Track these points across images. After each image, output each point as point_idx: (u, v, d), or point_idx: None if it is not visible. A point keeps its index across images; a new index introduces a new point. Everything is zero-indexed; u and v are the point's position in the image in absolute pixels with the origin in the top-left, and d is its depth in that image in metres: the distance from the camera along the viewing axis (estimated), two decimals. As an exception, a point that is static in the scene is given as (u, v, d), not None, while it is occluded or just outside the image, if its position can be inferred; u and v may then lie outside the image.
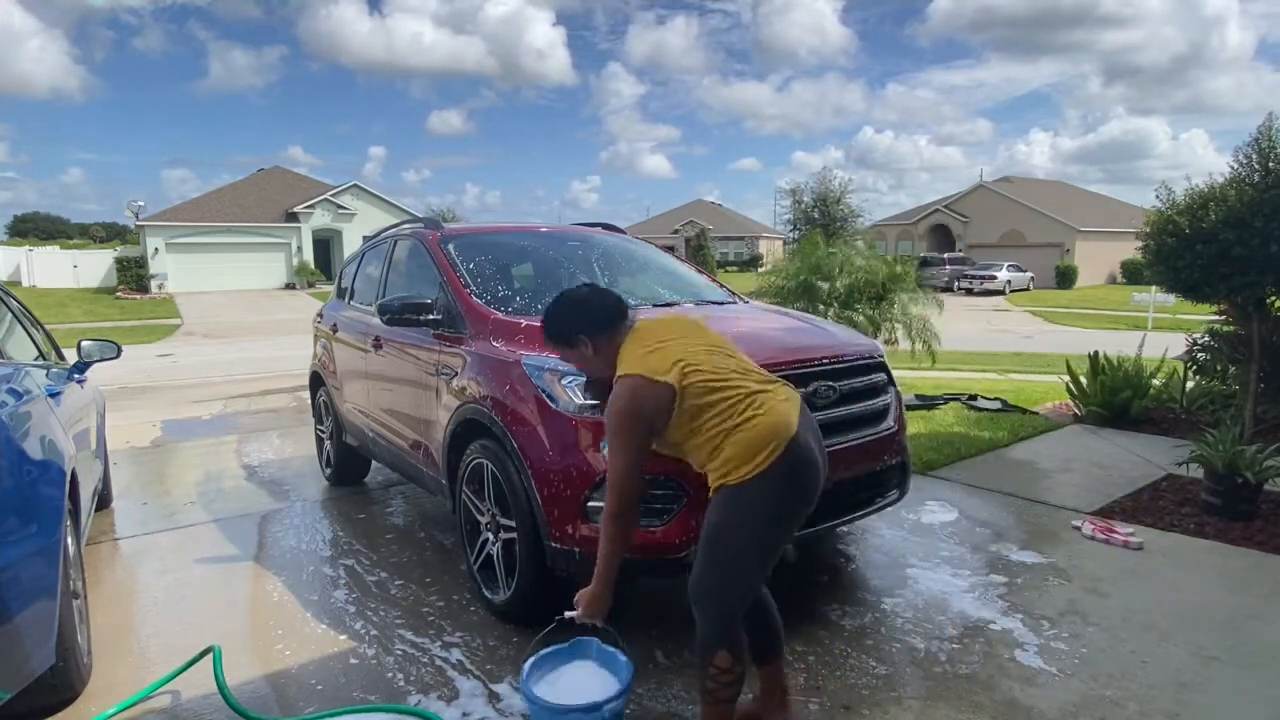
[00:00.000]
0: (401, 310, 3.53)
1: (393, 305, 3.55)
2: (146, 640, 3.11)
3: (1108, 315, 23.46)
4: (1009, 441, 5.90)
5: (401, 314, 3.53)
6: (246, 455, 6.17)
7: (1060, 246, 38.52)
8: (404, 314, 3.53)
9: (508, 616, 3.12)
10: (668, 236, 50.38)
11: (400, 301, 3.55)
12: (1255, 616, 3.11)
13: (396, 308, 3.53)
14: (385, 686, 2.69)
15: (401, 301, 3.55)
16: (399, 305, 3.53)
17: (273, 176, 39.12)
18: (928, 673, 2.73)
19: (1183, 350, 6.18)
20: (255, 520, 4.52)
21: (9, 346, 3.49)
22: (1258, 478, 4.05)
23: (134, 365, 11.87)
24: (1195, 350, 5.94)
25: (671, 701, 2.57)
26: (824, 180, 34.02)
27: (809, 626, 3.07)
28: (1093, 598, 3.29)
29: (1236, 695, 2.58)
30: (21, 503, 2.22)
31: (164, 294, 30.62)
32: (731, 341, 2.42)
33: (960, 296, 31.73)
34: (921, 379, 8.84)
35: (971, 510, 4.43)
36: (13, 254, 33.48)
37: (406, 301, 3.54)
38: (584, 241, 4.56)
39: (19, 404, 2.50)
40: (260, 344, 16.76)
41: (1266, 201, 4.58)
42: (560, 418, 2.83)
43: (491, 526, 3.15)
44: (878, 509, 3.32)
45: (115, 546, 4.19)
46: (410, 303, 3.52)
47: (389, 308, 3.56)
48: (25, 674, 2.16)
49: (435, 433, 3.57)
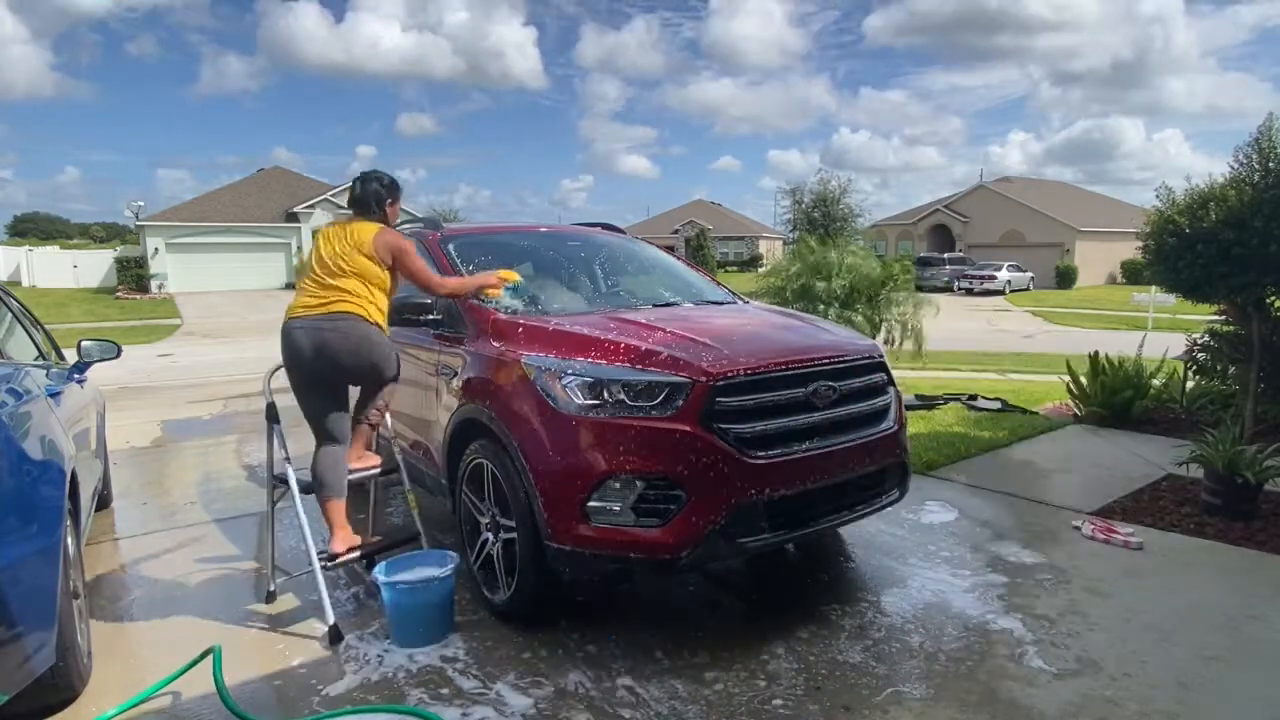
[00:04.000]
0: (401, 310, 3.52)
1: (393, 305, 3.55)
2: (146, 640, 3.11)
3: (1108, 315, 23.45)
4: (1009, 441, 5.90)
5: (401, 314, 3.53)
6: (246, 455, 6.17)
7: (1060, 246, 38.51)
8: (404, 314, 3.53)
9: (508, 616, 3.12)
10: (667, 236, 50.40)
11: (400, 301, 3.55)
12: (1255, 616, 3.11)
13: (396, 308, 3.53)
14: (385, 686, 2.69)
15: (401, 301, 3.55)
16: (399, 305, 3.53)
17: (273, 176, 39.09)
18: (928, 673, 2.73)
19: (1183, 350, 6.17)
20: (255, 520, 4.51)
21: (9, 346, 3.50)
22: (1258, 478, 4.05)
23: (134, 365, 11.87)
24: (1195, 350, 5.93)
25: (673, 701, 2.57)
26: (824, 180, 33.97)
27: (809, 626, 3.07)
28: (1093, 598, 3.29)
29: (1236, 695, 2.58)
30: (21, 503, 2.22)
31: (164, 294, 30.59)
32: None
33: (960, 296, 31.74)
34: (921, 379, 8.83)
35: (971, 510, 4.43)
36: (13, 254, 33.46)
37: (406, 301, 3.54)
38: (585, 242, 4.56)
39: (19, 404, 2.50)
40: (260, 344, 16.72)
41: (1266, 201, 4.57)
42: (560, 417, 2.83)
43: (491, 526, 3.16)
44: (878, 509, 3.32)
45: (115, 546, 4.19)
46: (410, 303, 3.52)
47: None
48: (25, 674, 2.16)
49: (435, 433, 3.57)
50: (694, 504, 2.71)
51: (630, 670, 2.76)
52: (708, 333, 3.12)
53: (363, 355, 3.23)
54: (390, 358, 3.36)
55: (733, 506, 2.74)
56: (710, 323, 3.42)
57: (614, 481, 2.74)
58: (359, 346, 3.22)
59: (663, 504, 2.73)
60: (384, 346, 3.32)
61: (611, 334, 3.08)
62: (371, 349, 3.25)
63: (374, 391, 3.44)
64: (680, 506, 2.72)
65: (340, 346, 3.19)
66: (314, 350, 3.17)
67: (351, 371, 3.30)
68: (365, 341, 3.23)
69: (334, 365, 3.21)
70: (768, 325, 3.60)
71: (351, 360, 3.22)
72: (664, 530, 2.72)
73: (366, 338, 3.23)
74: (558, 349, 3.02)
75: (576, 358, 2.93)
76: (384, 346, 3.32)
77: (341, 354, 3.19)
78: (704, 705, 2.54)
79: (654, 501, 2.73)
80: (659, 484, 2.72)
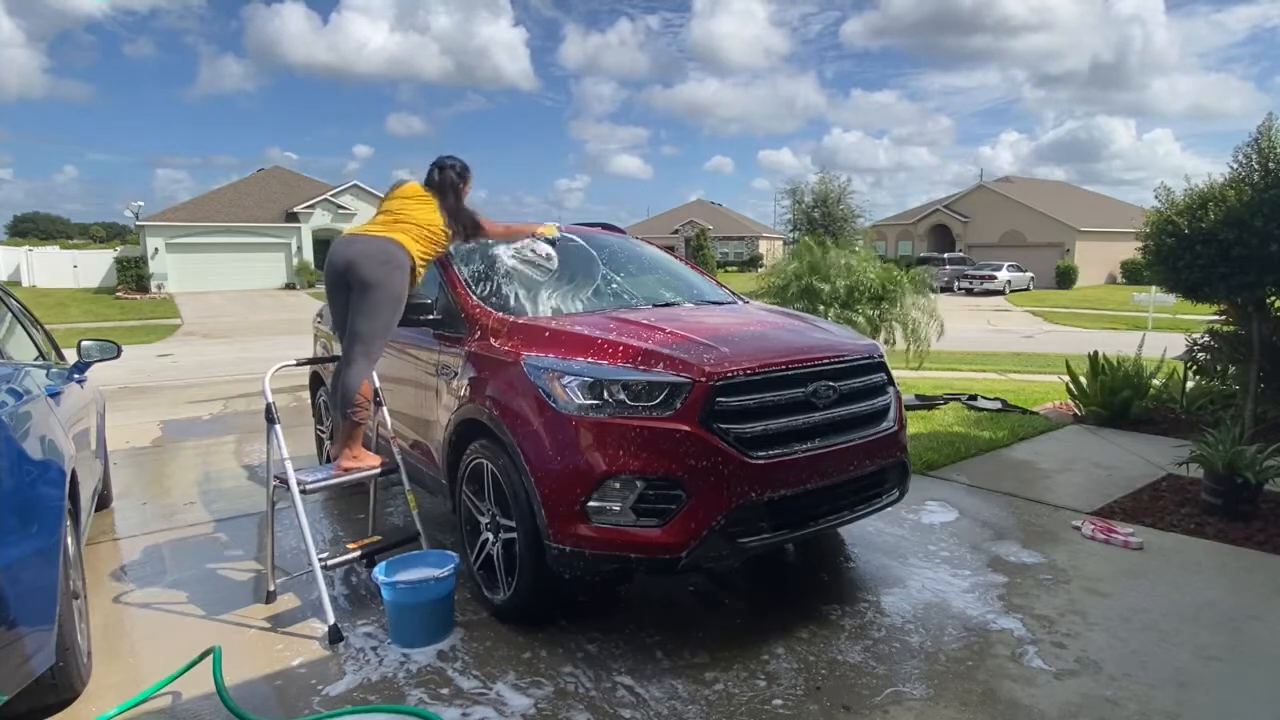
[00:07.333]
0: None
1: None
2: (146, 640, 3.11)
3: (1108, 315, 23.45)
4: (1009, 441, 5.90)
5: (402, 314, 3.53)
6: (246, 455, 6.17)
7: (1060, 246, 38.52)
8: (404, 314, 3.53)
9: (508, 616, 3.12)
10: (667, 236, 50.40)
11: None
12: (1255, 616, 3.11)
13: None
14: (385, 686, 2.70)
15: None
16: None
17: (273, 176, 39.10)
18: (928, 672, 2.73)
19: (1183, 350, 6.17)
20: (255, 520, 4.51)
21: (9, 346, 3.49)
22: (1258, 478, 4.05)
23: (134, 365, 11.88)
24: (1195, 350, 5.93)
25: (673, 701, 2.57)
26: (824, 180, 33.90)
27: (809, 626, 3.07)
28: (1093, 598, 3.29)
29: (1236, 695, 2.58)
30: (21, 503, 2.22)
31: (164, 294, 30.60)
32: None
33: (960, 296, 31.73)
34: (921, 379, 8.83)
35: (971, 510, 4.43)
36: (13, 254, 33.48)
37: (407, 301, 3.53)
38: (584, 242, 4.55)
39: (19, 404, 2.50)
40: (260, 344, 16.75)
41: (1266, 201, 4.58)
42: (560, 417, 2.83)
43: (491, 526, 3.16)
44: (878, 509, 3.32)
45: (115, 546, 4.19)
46: (410, 303, 3.52)
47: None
48: (25, 674, 2.16)
49: (435, 433, 3.57)
50: (694, 504, 2.71)
51: (630, 670, 2.76)
52: (708, 333, 3.12)
53: (376, 264, 3.35)
54: (396, 287, 3.39)
55: (733, 506, 2.74)
56: (710, 323, 3.42)
57: (614, 481, 2.74)
58: (386, 258, 3.37)
59: (663, 504, 2.73)
60: (401, 273, 3.40)
61: (611, 334, 3.08)
62: (387, 262, 3.37)
63: (366, 314, 3.40)
64: (680, 506, 2.72)
65: (369, 253, 3.38)
66: (344, 262, 3.40)
67: (362, 279, 3.35)
68: (384, 254, 3.38)
69: (356, 266, 3.36)
70: (768, 325, 3.59)
71: (372, 268, 3.35)
72: (664, 530, 2.72)
73: (388, 251, 3.39)
74: (558, 349, 3.02)
75: (576, 358, 2.93)
76: (401, 273, 3.40)
77: (368, 260, 3.36)
78: (704, 705, 2.54)
79: (654, 501, 2.73)
80: (659, 484, 2.72)
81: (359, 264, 3.35)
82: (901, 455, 3.38)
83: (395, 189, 3.70)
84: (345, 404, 3.45)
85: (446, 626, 3.05)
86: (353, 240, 3.49)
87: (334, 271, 3.46)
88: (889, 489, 3.34)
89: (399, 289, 3.40)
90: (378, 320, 3.39)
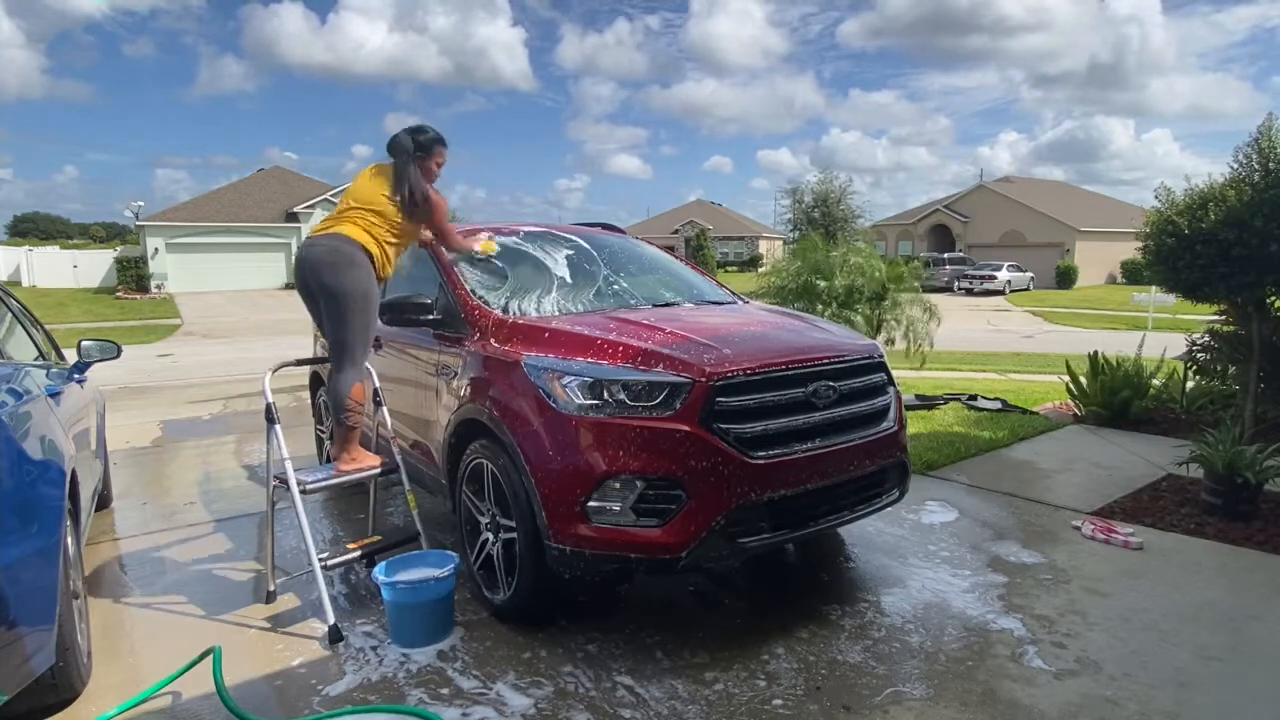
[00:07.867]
0: (402, 310, 3.52)
1: (393, 305, 3.55)
2: (146, 640, 3.11)
3: (1108, 315, 23.46)
4: (1009, 441, 5.90)
5: (402, 314, 3.53)
6: (246, 455, 6.17)
7: (1060, 246, 38.52)
8: (404, 314, 3.53)
9: (508, 616, 3.12)
10: (667, 236, 50.41)
11: (400, 301, 3.55)
12: (1255, 616, 3.11)
13: (396, 308, 3.53)
14: (385, 686, 2.70)
15: (401, 301, 3.55)
16: (399, 305, 3.53)
17: (272, 177, 39.09)
18: (928, 672, 2.73)
19: (1183, 350, 6.17)
20: (255, 520, 4.51)
21: (9, 346, 3.49)
22: (1258, 478, 4.05)
23: (134, 365, 11.88)
24: (1195, 350, 5.93)
25: (673, 701, 2.57)
26: (825, 180, 33.91)
27: (809, 626, 3.07)
28: (1093, 598, 3.29)
29: (1236, 695, 2.58)
30: (21, 503, 2.22)
31: (164, 294, 30.59)
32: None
33: (960, 296, 31.74)
34: (921, 379, 8.84)
35: (971, 510, 4.43)
36: (13, 254, 33.47)
37: (407, 301, 3.54)
38: (584, 241, 4.55)
39: (19, 404, 2.50)
40: (260, 344, 16.75)
41: (1266, 201, 4.58)
42: (560, 417, 2.83)
43: (491, 526, 3.16)
44: (878, 509, 3.32)
45: (115, 546, 4.19)
46: (410, 303, 3.52)
47: (389, 308, 3.56)
48: (25, 674, 2.16)
49: (435, 433, 3.57)
50: (694, 504, 2.71)
51: (630, 670, 2.77)
52: (708, 333, 3.12)
53: (329, 269, 3.28)
54: (358, 286, 3.30)
55: (733, 506, 2.74)
56: (710, 323, 3.42)
57: (614, 481, 2.74)
58: (335, 259, 3.29)
59: (663, 504, 2.73)
60: (357, 269, 3.30)
61: (611, 334, 3.08)
62: (338, 262, 3.28)
63: (336, 322, 3.35)
64: (680, 506, 2.72)
65: (320, 259, 3.31)
66: (304, 269, 3.35)
67: (322, 286, 3.30)
68: (333, 253, 3.30)
69: (313, 273, 3.32)
70: (768, 325, 3.59)
71: (327, 273, 3.28)
72: (664, 530, 2.72)
73: (336, 250, 3.30)
74: (558, 349, 3.02)
75: (576, 358, 2.93)
76: (357, 269, 3.30)
77: (320, 266, 3.30)
78: (704, 705, 2.54)
79: (654, 501, 2.73)
80: (659, 484, 2.72)
81: (316, 270, 3.32)
82: (901, 455, 3.38)
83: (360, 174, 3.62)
84: (338, 409, 3.46)
85: (446, 626, 3.05)
86: (310, 244, 3.42)
87: (300, 280, 3.44)
88: (889, 489, 3.34)
89: (362, 286, 3.32)
90: (351, 325, 3.36)
